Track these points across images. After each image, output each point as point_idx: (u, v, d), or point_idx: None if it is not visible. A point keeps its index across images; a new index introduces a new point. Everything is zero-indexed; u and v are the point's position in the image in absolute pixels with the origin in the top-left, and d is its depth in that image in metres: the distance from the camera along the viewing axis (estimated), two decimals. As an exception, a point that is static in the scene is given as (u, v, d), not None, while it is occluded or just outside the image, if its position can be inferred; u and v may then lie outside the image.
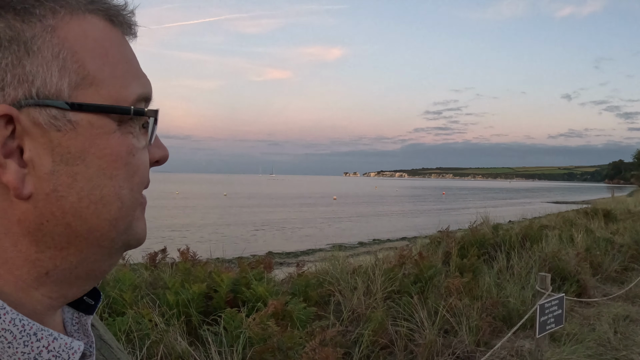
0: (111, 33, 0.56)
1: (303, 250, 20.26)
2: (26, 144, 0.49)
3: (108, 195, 0.53)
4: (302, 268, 6.86)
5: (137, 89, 0.56)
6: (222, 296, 5.09)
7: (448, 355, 5.00)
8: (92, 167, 0.52)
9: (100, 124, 0.52)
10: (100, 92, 0.52)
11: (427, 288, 6.31)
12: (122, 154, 0.54)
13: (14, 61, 0.49)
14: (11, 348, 0.49)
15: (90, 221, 0.53)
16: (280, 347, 3.73)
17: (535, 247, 8.95)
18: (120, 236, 0.56)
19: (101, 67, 0.53)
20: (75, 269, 0.54)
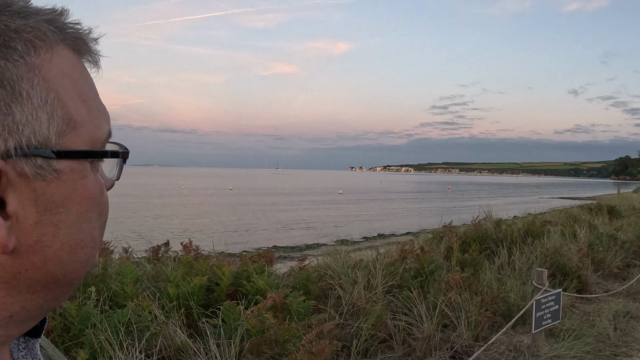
0: (79, 65, 0.52)
1: (307, 244, 20.33)
2: (9, 195, 0.46)
3: (85, 238, 0.52)
4: (304, 262, 6.89)
5: (106, 126, 0.54)
6: (223, 289, 5.14)
7: (446, 349, 5.03)
8: (72, 213, 0.50)
9: (79, 169, 0.50)
10: (81, 136, 0.50)
11: (427, 283, 6.34)
12: (96, 195, 0.52)
13: (3, 108, 0.45)
14: None
15: (68, 265, 0.51)
16: (277, 339, 3.77)
17: (537, 243, 8.94)
18: (87, 273, 0.55)
19: (80, 109, 0.50)
20: (40, 308, 0.52)
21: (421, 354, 4.94)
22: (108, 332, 3.73)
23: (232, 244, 15.38)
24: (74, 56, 0.52)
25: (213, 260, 6.20)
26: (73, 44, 0.52)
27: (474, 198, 57.44)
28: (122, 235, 15.74)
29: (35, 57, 0.47)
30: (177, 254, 6.76)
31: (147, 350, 3.82)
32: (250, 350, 3.66)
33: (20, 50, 0.46)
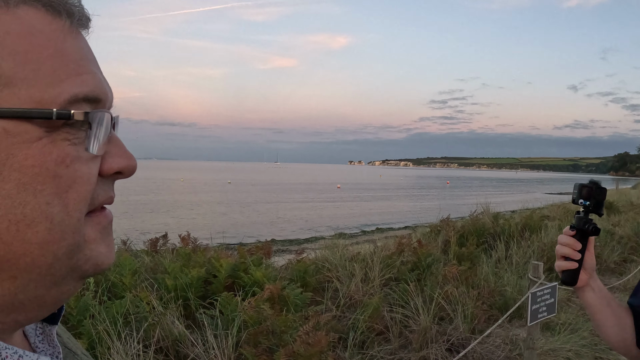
0: (49, 25, 0.49)
1: (305, 237, 20.37)
2: None
3: (32, 214, 0.46)
4: (302, 255, 6.92)
5: (72, 88, 0.48)
6: (220, 281, 5.16)
7: (443, 342, 5.05)
8: (9, 182, 0.45)
9: (18, 131, 0.45)
10: (19, 94, 0.45)
11: (424, 276, 6.36)
12: (48, 165, 0.46)
13: None
14: None
15: (15, 245, 0.46)
16: (274, 330, 3.79)
17: (535, 237, 8.98)
18: (61, 262, 0.49)
19: (20, 66, 0.45)
20: (16, 296, 0.48)
21: (417, 346, 4.97)
22: (106, 323, 3.75)
23: (229, 237, 15.41)
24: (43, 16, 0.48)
25: (211, 253, 6.22)
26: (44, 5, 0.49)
27: (473, 192, 57.48)
28: (121, 228, 15.78)
29: None
30: (175, 246, 6.78)
31: (145, 340, 3.84)
32: (247, 340, 3.68)
33: None
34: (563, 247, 1.46)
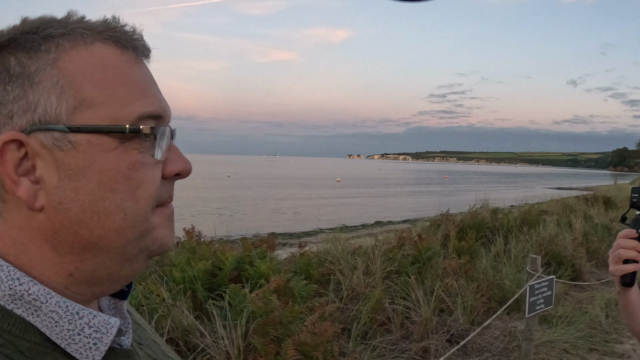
0: (118, 57, 0.61)
1: (305, 231, 20.47)
2: (37, 163, 0.56)
3: (109, 207, 0.58)
4: (304, 248, 7.03)
5: (140, 107, 0.60)
6: (226, 273, 5.28)
7: (443, 333, 5.20)
8: (92, 182, 0.57)
9: (98, 143, 0.57)
10: (98, 114, 0.58)
11: (424, 269, 6.49)
12: (122, 169, 0.58)
13: (20, 93, 0.56)
14: (58, 326, 0.57)
15: (96, 231, 0.58)
16: (282, 320, 3.92)
17: (533, 232, 9.12)
18: (133, 244, 0.61)
19: (98, 91, 0.58)
20: (95, 272, 0.60)
21: (418, 337, 5.11)
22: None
23: (230, 231, 15.49)
24: (114, 50, 0.61)
25: (216, 246, 6.34)
26: (115, 41, 0.61)
27: (472, 187, 57.62)
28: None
29: (55, 53, 0.58)
30: (180, 239, 6.89)
31: (157, 331, 3.97)
32: (256, 330, 3.81)
33: (43, 49, 0.58)
34: (628, 250, 1.48)
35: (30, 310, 0.56)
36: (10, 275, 0.56)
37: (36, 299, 0.56)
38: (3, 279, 0.56)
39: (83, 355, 0.58)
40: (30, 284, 0.56)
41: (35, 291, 0.56)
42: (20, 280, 0.56)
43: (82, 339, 0.58)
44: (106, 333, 0.60)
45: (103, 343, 0.59)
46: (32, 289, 0.56)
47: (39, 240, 0.58)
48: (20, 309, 0.56)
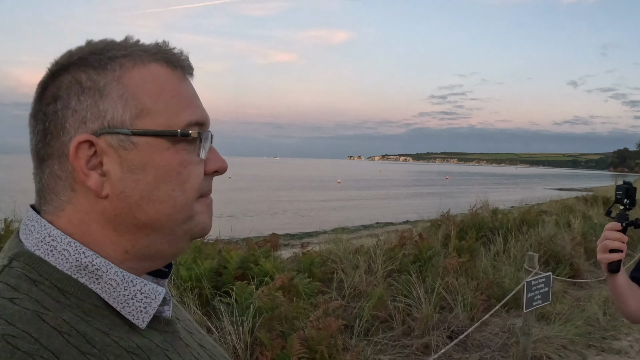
0: (170, 75, 0.74)
1: (307, 232, 20.56)
2: (104, 160, 0.69)
3: (162, 196, 0.71)
4: (307, 248, 7.15)
5: (187, 116, 0.74)
6: (231, 272, 5.40)
7: (443, 329, 5.33)
8: (149, 175, 0.70)
9: (155, 144, 0.71)
10: (155, 121, 0.71)
11: (425, 267, 6.61)
12: (173, 166, 0.72)
13: (92, 103, 0.69)
14: (115, 292, 0.69)
15: (151, 215, 0.71)
16: (287, 316, 4.05)
17: (532, 232, 9.24)
18: (179, 227, 0.74)
19: (155, 102, 0.71)
20: (147, 249, 0.73)
21: (420, 333, 5.24)
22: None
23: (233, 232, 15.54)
24: (166, 69, 0.74)
25: (220, 245, 6.47)
26: (166, 62, 0.75)
27: (473, 188, 57.67)
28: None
29: (120, 71, 0.71)
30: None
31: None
32: (262, 326, 3.94)
33: (110, 68, 0.70)
34: (613, 241, 1.68)
35: (93, 278, 0.69)
36: (77, 249, 0.69)
37: (98, 269, 0.69)
38: (71, 252, 0.69)
39: (134, 317, 0.71)
40: (94, 257, 0.69)
41: (97, 263, 0.69)
42: (85, 253, 0.69)
43: (135, 303, 0.71)
44: (154, 299, 0.73)
45: (151, 307, 0.72)
46: (95, 261, 0.69)
47: (101, 222, 0.71)
48: (84, 278, 0.69)
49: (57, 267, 0.68)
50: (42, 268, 0.67)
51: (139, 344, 0.70)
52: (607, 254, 1.70)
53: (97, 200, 0.70)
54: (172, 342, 0.77)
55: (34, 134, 0.72)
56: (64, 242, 0.69)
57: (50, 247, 0.69)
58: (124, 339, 0.68)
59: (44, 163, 0.72)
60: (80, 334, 0.64)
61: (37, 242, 0.70)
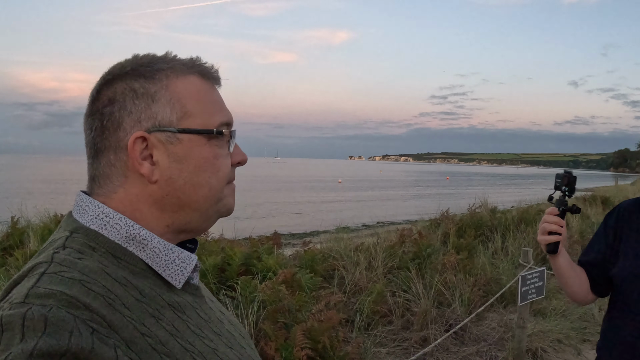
0: (204, 84, 0.91)
1: (307, 231, 20.69)
2: (154, 152, 0.85)
3: (201, 182, 0.88)
4: (308, 245, 7.28)
5: (219, 118, 0.91)
6: (234, 268, 5.54)
7: (441, 323, 5.48)
8: (191, 165, 0.87)
9: (195, 140, 0.87)
10: (195, 121, 0.88)
11: (424, 264, 6.75)
12: (209, 158, 0.89)
13: (145, 106, 0.85)
14: (158, 258, 0.85)
15: (191, 196, 0.88)
16: (290, 308, 4.20)
17: (530, 230, 9.38)
18: (212, 207, 0.91)
19: (195, 107, 0.88)
20: (185, 225, 0.90)
21: (418, 327, 5.39)
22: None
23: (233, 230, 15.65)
24: (200, 80, 0.91)
25: (224, 243, 6.61)
26: (200, 74, 0.92)
27: (473, 188, 57.73)
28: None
29: (166, 81, 0.87)
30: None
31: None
32: (267, 317, 4.09)
33: (158, 78, 0.86)
34: (550, 224, 1.84)
35: (139, 247, 0.84)
36: (126, 223, 0.84)
37: (144, 239, 0.84)
38: (122, 225, 0.84)
39: (173, 279, 0.86)
40: (140, 229, 0.84)
41: (143, 234, 0.85)
42: (134, 227, 0.84)
43: (173, 267, 0.87)
44: (189, 264, 0.89)
45: (187, 270, 0.88)
46: (141, 233, 0.84)
47: (149, 203, 0.87)
48: (132, 247, 0.84)
49: (109, 238, 0.82)
50: (98, 239, 0.82)
51: (177, 300, 0.85)
52: (546, 236, 1.85)
53: (147, 185, 0.86)
54: (200, 303, 0.93)
55: (90, 130, 0.87)
56: (115, 217, 0.84)
57: (104, 222, 0.83)
58: (165, 295, 0.84)
59: (101, 154, 0.86)
60: (134, 286, 0.79)
61: (92, 219, 0.84)
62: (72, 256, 0.76)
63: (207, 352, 0.84)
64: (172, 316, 0.82)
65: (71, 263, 0.75)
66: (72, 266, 0.74)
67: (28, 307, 0.65)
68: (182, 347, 0.79)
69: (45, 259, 0.76)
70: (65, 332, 0.64)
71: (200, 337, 0.85)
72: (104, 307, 0.71)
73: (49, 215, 7.82)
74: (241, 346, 0.98)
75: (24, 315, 0.64)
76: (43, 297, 0.67)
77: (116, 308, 0.72)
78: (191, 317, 0.86)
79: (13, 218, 7.68)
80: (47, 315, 0.64)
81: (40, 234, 6.68)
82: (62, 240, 0.80)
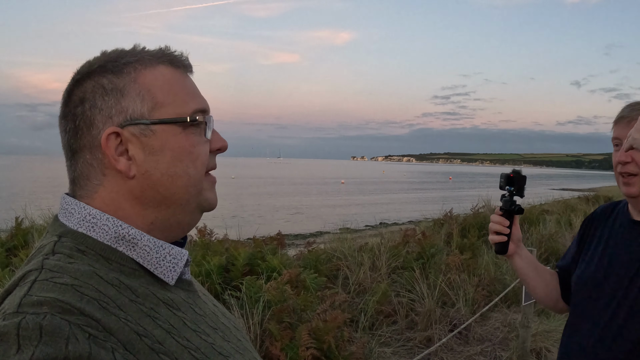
0: (174, 73, 0.90)
1: (311, 232, 20.71)
2: (129, 146, 0.84)
3: (179, 172, 0.86)
4: (312, 246, 7.30)
5: (193, 105, 0.90)
6: (239, 268, 5.56)
7: (445, 323, 5.49)
8: (167, 156, 0.85)
9: (169, 130, 0.86)
10: (168, 111, 0.86)
11: (428, 264, 6.77)
12: (186, 147, 0.87)
13: (115, 101, 0.84)
14: (149, 256, 0.84)
15: (170, 189, 0.86)
16: (295, 308, 4.22)
17: (534, 230, 9.39)
18: (193, 199, 0.89)
19: (166, 96, 0.87)
20: (168, 220, 0.88)
21: (422, 327, 5.41)
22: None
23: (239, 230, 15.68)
24: (170, 69, 0.90)
25: (228, 243, 6.64)
26: (170, 63, 0.90)
27: (476, 189, 57.66)
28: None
29: (135, 74, 0.86)
30: (193, 238, 7.18)
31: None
32: (272, 318, 4.11)
33: (126, 72, 0.85)
34: (494, 224, 1.80)
35: (129, 246, 0.83)
36: (114, 223, 0.83)
37: (134, 238, 0.84)
38: (110, 226, 0.83)
39: (165, 276, 0.86)
40: (129, 228, 0.84)
41: (132, 233, 0.84)
42: (122, 226, 0.84)
43: (165, 264, 0.86)
44: (181, 259, 0.88)
45: (178, 267, 0.88)
46: (130, 232, 0.84)
47: (130, 199, 0.86)
48: (122, 247, 0.83)
49: (98, 239, 0.82)
50: (87, 242, 0.81)
51: (170, 297, 0.85)
52: (492, 236, 1.82)
53: (126, 181, 0.85)
54: (194, 298, 0.93)
55: (65, 132, 0.87)
56: (102, 218, 0.84)
57: (91, 224, 0.83)
58: (159, 292, 0.84)
59: (77, 154, 0.86)
60: (127, 287, 0.79)
61: (79, 221, 0.84)
62: (62, 261, 0.76)
63: (204, 347, 0.84)
64: (167, 313, 0.82)
65: (62, 268, 0.75)
66: (63, 271, 0.74)
67: (22, 317, 0.65)
68: (180, 344, 0.79)
69: (36, 266, 0.75)
70: (61, 339, 0.64)
71: (197, 333, 0.85)
72: (98, 311, 0.71)
73: (52, 215, 7.85)
74: (237, 339, 0.98)
75: (19, 325, 0.64)
76: (36, 305, 0.67)
77: (111, 311, 0.72)
78: (186, 313, 0.87)
79: (17, 219, 7.72)
80: (42, 323, 0.64)
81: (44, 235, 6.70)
82: (50, 246, 0.80)
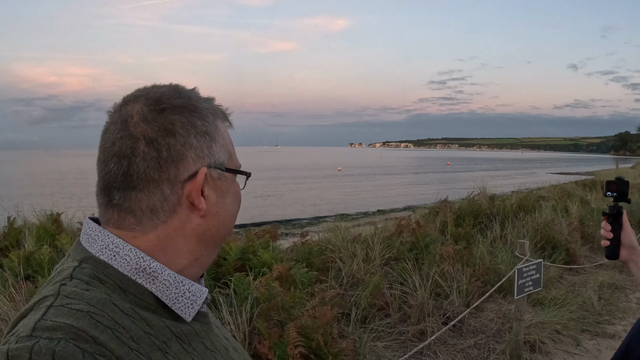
0: (226, 129, 0.98)
1: (307, 220, 20.71)
2: (205, 187, 0.88)
3: (234, 213, 0.96)
4: (306, 237, 7.24)
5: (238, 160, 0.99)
6: (230, 263, 5.50)
7: (439, 316, 5.43)
8: (229, 198, 0.93)
9: (231, 177, 0.94)
10: (233, 162, 0.95)
11: (422, 255, 6.70)
12: (238, 191, 0.97)
13: (207, 144, 0.89)
14: (168, 291, 0.85)
15: (228, 228, 0.95)
16: (284, 305, 4.15)
17: (529, 217, 9.31)
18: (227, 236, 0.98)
19: (232, 148, 0.96)
20: (210, 256, 0.94)
21: (415, 320, 5.35)
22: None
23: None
24: (224, 124, 0.97)
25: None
26: (223, 119, 0.96)
27: (475, 174, 57.60)
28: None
29: (214, 123, 0.91)
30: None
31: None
32: (260, 315, 4.04)
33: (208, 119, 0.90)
34: (602, 229, 1.87)
35: (149, 279, 0.83)
36: (137, 255, 0.83)
37: (154, 271, 0.84)
38: (132, 257, 0.83)
39: (183, 312, 0.86)
40: (150, 261, 0.84)
41: (154, 266, 0.84)
42: (144, 258, 0.83)
43: (184, 300, 0.86)
44: (200, 297, 0.89)
45: (197, 304, 0.88)
46: (152, 265, 0.84)
47: (188, 236, 0.88)
48: (142, 279, 0.83)
49: (118, 269, 0.82)
50: (107, 270, 0.81)
51: (184, 330, 0.86)
52: (602, 241, 1.88)
53: (193, 219, 0.88)
54: (207, 331, 0.94)
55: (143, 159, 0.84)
56: (125, 248, 0.83)
57: (114, 253, 0.83)
58: (173, 326, 0.84)
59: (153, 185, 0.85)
60: (142, 318, 0.79)
61: (101, 249, 0.83)
62: (79, 287, 0.77)
63: None
64: (178, 349, 0.83)
65: (78, 295, 0.75)
66: (80, 298, 0.75)
67: (35, 341, 0.66)
68: None
69: (52, 292, 0.76)
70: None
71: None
72: (112, 341, 0.72)
73: (45, 214, 7.76)
74: None
75: (31, 350, 0.65)
76: (50, 330, 0.68)
77: (124, 341, 0.73)
78: (197, 348, 0.88)
79: (9, 218, 7.60)
80: (55, 349, 0.65)
81: (36, 234, 6.62)
82: (69, 271, 0.80)
